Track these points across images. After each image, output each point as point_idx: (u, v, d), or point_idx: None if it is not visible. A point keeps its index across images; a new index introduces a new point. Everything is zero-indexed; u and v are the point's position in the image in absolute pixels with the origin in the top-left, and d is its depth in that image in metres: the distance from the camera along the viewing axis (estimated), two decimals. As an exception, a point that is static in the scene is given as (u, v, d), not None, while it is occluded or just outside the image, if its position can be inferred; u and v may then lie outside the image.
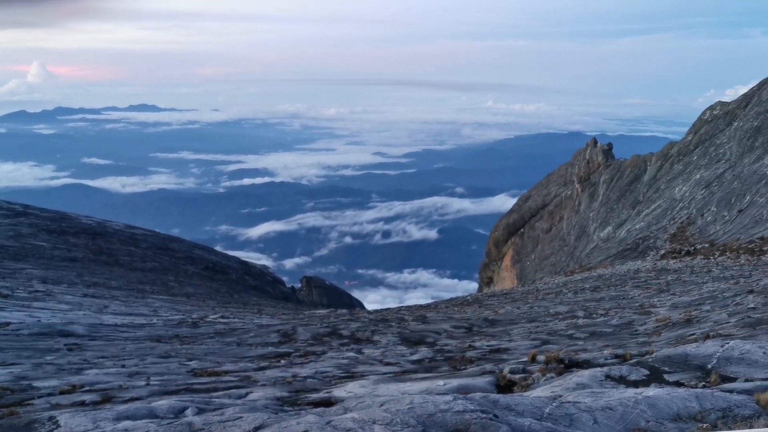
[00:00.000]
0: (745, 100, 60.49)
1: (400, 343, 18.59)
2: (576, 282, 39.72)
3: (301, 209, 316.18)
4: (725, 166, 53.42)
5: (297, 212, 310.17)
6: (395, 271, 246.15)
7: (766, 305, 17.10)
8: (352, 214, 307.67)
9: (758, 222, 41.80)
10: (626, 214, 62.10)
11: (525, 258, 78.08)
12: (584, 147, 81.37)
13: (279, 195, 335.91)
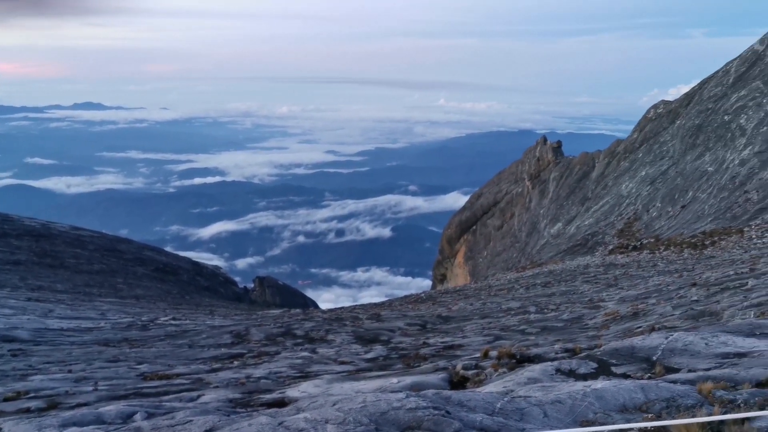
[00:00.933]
0: (687, 99, 62.32)
1: (355, 342, 18.58)
2: (527, 278, 40.32)
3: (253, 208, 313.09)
4: (669, 163, 54.96)
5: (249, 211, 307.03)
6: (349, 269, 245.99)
7: (708, 297, 17.66)
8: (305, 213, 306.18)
9: (700, 217, 43.14)
10: (575, 210, 63.35)
11: (477, 255, 78.93)
12: (534, 145, 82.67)
13: (231, 194, 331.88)
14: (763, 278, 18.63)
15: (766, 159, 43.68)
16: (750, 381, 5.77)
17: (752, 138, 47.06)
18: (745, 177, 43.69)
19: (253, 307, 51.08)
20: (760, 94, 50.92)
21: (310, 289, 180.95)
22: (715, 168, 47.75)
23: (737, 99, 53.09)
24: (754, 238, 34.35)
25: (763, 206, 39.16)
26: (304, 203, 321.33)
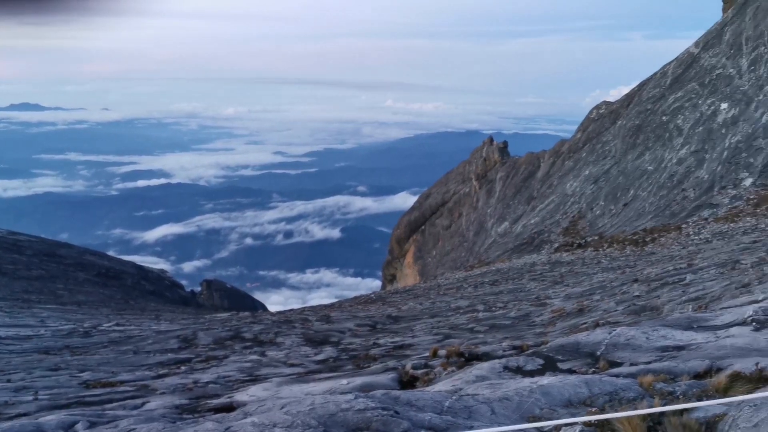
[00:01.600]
0: (627, 100, 64.09)
1: (305, 344, 18.46)
2: (476, 276, 40.78)
3: (199, 211, 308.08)
4: (611, 163, 56.40)
5: (195, 214, 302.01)
6: (298, 271, 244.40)
7: (649, 293, 18.17)
8: (253, 215, 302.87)
9: (641, 215, 44.41)
10: (522, 209, 64.40)
11: (426, 254, 79.45)
12: (481, 145, 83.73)
13: (176, 196, 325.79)
14: (700, 273, 19.28)
15: (701, 158, 45.25)
16: (688, 373, 5.96)
17: (689, 138, 48.69)
18: (683, 175, 45.17)
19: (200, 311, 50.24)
20: (695, 95, 52.73)
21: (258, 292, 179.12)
22: (655, 167, 49.22)
23: (674, 100, 54.86)
24: (692, 234, 35.54)
25: (699, 203, 40.56)
26: (252, 205, 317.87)
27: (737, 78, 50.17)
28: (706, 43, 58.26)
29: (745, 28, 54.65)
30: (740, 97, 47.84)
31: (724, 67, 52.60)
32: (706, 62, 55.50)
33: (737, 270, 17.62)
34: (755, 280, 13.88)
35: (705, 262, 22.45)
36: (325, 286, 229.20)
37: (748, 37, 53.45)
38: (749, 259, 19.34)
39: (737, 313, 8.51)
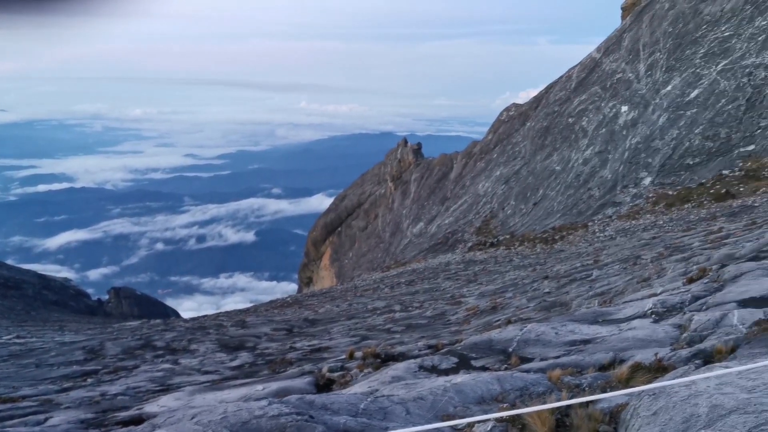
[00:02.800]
0: (535, 102, 66.22)
1: (219, 350, 18.07)
2: (392, 277, 41.09)
3: (106, 216, 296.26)
4: (521, 163, 58.11)
5: (102, 219, 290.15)
6: (211, 276, 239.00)
7: (558, 289, 18.82)
8: (164, 219, 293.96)
9: (550, 214, 45.97)
10: (436, 210, 65.39)
11: (343, 256, 79.40)
12: (396, 147, 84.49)
13: (80, 201, 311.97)
14: (605, 269, 20.13)
15: (605, 158, 47.29)
16: (594, 365, 6.20)
17: (593, 139, 50.79)
18: (588, 175, 47.07)
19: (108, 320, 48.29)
20: (598, 98, 55.08)
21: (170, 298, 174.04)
22: (562, 167, 51.06)
23: (579, 102, 57.11)
24: (597, 231, 37.07)
25: (603, 202, 42.38)
26: (162, 209, 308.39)
27: (636, 82, 52.76)
28: (607, 49, 60.99)
29: (642, 35, 57.55)
30: (639, 100, 50.33)
31: (624, 72, 55.21)
32: (608, 67, 58.09)
33: (638, 265, 18.49)
34: (654, 274, 14.60)
35: (609, 258, 23.46)
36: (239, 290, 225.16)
37: (644, 44, 56.30)
38: (649, 254, 20.35)
39: (638, 306, 8.92)
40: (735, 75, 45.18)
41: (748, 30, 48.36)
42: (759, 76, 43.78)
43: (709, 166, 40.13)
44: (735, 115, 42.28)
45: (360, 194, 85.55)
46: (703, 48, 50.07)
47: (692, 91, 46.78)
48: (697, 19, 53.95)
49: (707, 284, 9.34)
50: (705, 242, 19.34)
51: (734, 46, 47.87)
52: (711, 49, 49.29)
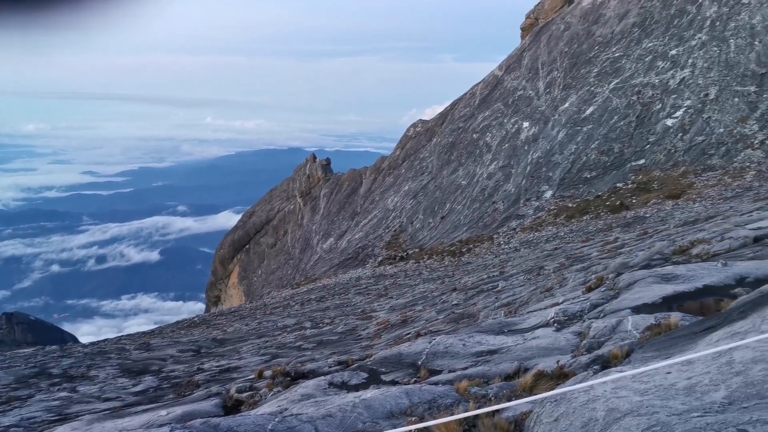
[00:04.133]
0: (441, 118, 67.69)
1: (122, 375, 17.30)
2: (302, 294, 40.75)
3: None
4: (428, 178, 59.13)
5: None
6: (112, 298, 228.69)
7: (466, 301, 19.19)
8: (60, 240, 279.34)
9: (457, 227, 46.95)
10: (346, 225, 65.45)
11: (252, 274, 78.06)
12: (304, 162, 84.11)
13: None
14: (510, 280, 20.71)
15: (508, 173, 48.84)
16: (499, 375, 6.35)
17: (497, 154, 52.39)
18: (493, 189, 48.45)
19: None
20: (501, 114, 56.93)
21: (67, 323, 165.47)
22: (468, 181, 52.33)
23: (483, 119, 58.83)
24: (502, 243, 38.16)
25: (508, 215, 43.70)
26: (59, 229, 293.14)
27: (536, 99, 54.92)
28: (509, 67, 63.25)
29: (540, 54, 60.05)
30: (539, 116, 52.40)
31: (525, 89, 57.38)
32: (509, 84, 60.20)
33: (542, 275, 19.14)
34: (557, 284, 15.15)
35: (514, 269, 24.17)
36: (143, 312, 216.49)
37: (543, 62, 58.76)
38: (551, 264, 21.10)
39: (541, 315, 9.22)
40: (626, 93, 47.84)
41: (636, 51, 51.39)
42: (647, 94, 46.54)
43: (605, 179, 42.19)
44: (627, 131, 44.70)
45: (269, 210, 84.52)
46: (597, 67, 52.77)
47: (588, 108, 49.16)
48: (590, 40, 56.86)
49: (604, 292, 9.77)
50: (602, 252, 20.26)
51: (624, 66, 50.73)
52: (603, 69, 52.01)
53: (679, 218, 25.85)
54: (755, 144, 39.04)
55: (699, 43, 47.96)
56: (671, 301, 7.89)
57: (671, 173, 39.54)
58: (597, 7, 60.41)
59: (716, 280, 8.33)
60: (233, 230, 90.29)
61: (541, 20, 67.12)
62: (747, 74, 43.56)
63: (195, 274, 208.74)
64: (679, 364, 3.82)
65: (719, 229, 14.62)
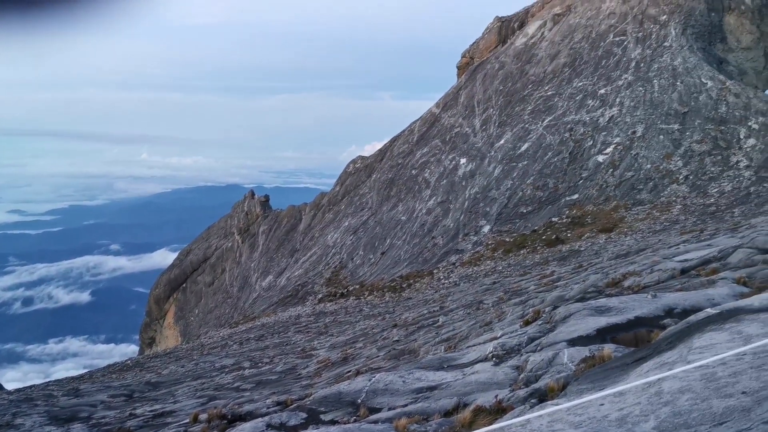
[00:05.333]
0: (380, 155, 68.29)
1: (49, 423, 16.49)
2: (241, 333, 39.93)
3: None
4: (368, 214, 59.33)
5: None
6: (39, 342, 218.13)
7: (407, 337, 19.17)
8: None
9: (397, 262, 47.10)
10: (285, 262, 64.79)
11: (189, 313, 76.13)
12: (243, 199, 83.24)
13: None
14: (450, 315, 20.83)
15: (447, 208, 49.49)
16: (439, 411, 6.34)
17: (435, 189, 53.09)
18: (432, 224, 48.95)
19: None
20: (439, 150, 57.87)
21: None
22: (408, 217, 52.74)
23: (421, 155, 59.67)
24: (442, 278, 38.45)
25: (447, 250, 44.15)
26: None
27: (472, 136, 56.13)
28: (446, 105, 64.58)
29: (476, 92, 61.59)
30: (476, 153, 53.51)
31: (461, 126, 58.60)
32: (446, 121, 61.40)
33: (481, 310, 19.33)
34: (495, 318, 15.31)
35: (454, 304, 24.34)
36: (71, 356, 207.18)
37: (479, 100, 60.26)
38: (490, 299, 21.36)
39: (480, 350, 9.29)
40: (558, 130, 49.43)
41: (567, 90, 53.32)
42: (579, 131, 48.20)
43: (541, 213, 43.22)
44: (560, 166, 46.06)
45: (206, 248, 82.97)
46: (530, 105, 54.45)
47: (522, 144, 50.51)
48: (523, 79, 58.72)
49: (541, 325, 9.92)
50: (539, 285, 20.64)
51: (557, 104, 52.50)
52: (537, 107, 53.70)
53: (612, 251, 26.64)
54: (680, 179, 40.79)
55: (625, 83, 50.14)
56: (605, 333, 8.08)
57: (603, 208, 40.83)
58: (529, 47, 62.58)
59: (647, 311, 8.59)
60: (169, 269, 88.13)
61: (477, 59, 69.02)
62: (671, 113, 45.70)
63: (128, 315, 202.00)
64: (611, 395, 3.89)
65: (649, 262, 15.12)
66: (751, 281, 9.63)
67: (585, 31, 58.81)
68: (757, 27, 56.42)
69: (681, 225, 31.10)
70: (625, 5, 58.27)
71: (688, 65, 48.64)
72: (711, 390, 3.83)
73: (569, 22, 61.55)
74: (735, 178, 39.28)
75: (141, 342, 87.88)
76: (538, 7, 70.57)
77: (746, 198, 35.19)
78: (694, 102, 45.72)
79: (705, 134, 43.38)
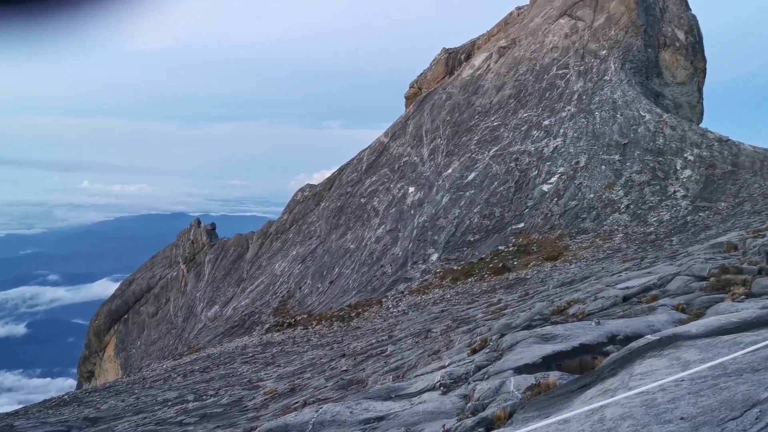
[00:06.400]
0: (329, 183, 68.28)
1: (-22, 464, 15.70)
2: (185, 365, 38.95)
3: None
4: (317, 242, 59.03)
5: None
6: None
7: (355, 366, 19.02)
8: None
9: (346, 291, 46.88)
10: (232, 291, 63.75)
11: (130, 345, 73.92)
12: (189, 228, 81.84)
13: None
14: (399, 344, 20.78)
15: (396, 236, 49.66)
16: (387, 442, 6.29)
17: (384, 218, 53.26)
18: (381, 253, 48.99)
19: None
20: (388, 179, 58.22)
21: None
22: (356, 245, 52.68)
23: (370, 184, 59.90)
24: (391, 307, 38.40)
25: (396, 278, 44.18)
26: None
27: (420, 165, 56.71)
28: (394, 134, 65.19)
29: (424, 122, 62.41)
30: (424, 182, 54.02)
31: (410, 155, 59.18)
32: (395, 150, 61.93)
33: (429, 338, 19.35)
34: (444, 346, 15.34)
35: (403, 332, 24.31)
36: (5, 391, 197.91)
37: (427, 130, 61.05)
38: (439, 327, 21.41)
39: (428, 379, 9.28)
40: (504, 160, 50.39)
41: (513, 121, 54.54)
42: (524, 161, 49.23)
43: (488, 242, 43.78)
44: (506, 195, 46.87)
45: (150, 278, 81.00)
46: (477, 135, 55.44)
47: (470, 174, 51.26)
48: (470, 110, 59.84)
49: (488, 354, 9.99)
50: (487, 313, 20.82)
51: (502, 134, 53.61)
52: (483, 137, 54.71)
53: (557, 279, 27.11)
54: (621, 208, 41.99)
55: (569, 114, 51.62)
56: (550, 361, 8.19)
57: (549, 236, 41.62)
58: (476, 78, 63.90)
59: (590, 338, 8.74)
60: (110, 299, 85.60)
61: (424, 90, 70.09)
62: (612, 144, 47.17)
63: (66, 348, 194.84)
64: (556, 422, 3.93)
65: (593, 289, 15.44)
66: (689, 308, 9.92)
67: (529, 63, 60.46)
68: (691, 63, 59.09)
69: (623, 253, 31.92)
70: (567, 40, 60.27)
71: (627, 98, 50.42)
72: (651, 416, 3.91)
73: (514, 54, 63.21)
74: (673, 207, 40.67)
75: (79, 376, 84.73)
76: (484, 40, 72.35)
77: (683, 227, 36.43)
78: (633, 134, 47.33)
79: (644, 165, 44.88)
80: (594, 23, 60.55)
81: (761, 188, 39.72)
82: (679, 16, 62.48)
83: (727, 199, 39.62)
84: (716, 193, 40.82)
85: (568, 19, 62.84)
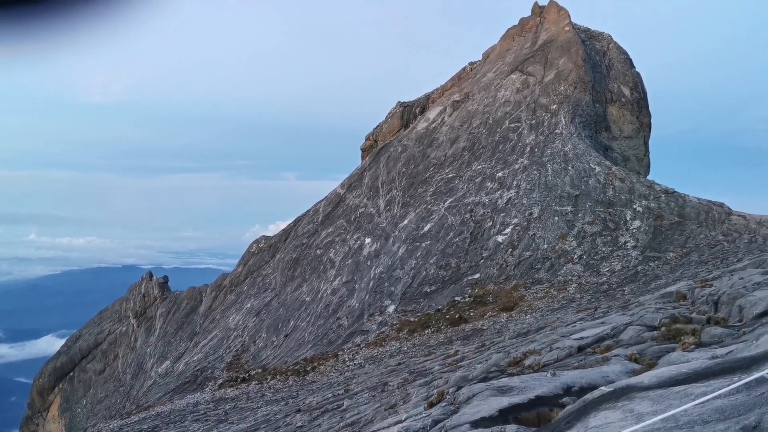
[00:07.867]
0: (284, 235, 67.86)
1: None
2: (133, 424, 37.53)
3: None
4: (272, 295, 58.24)
5: None
6: None
7: (311, 422, 18.58)
8: None
9: (302, 344, 46.13)
10: (184, 346, 62.11)
11: (75, 404, 70.97)
12: (140, 281, 79.93)
13: None
14: (355, 398, 20.43)
15: (352, 288, 49.36)
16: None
17: (341, 269, 52.98)
18: (337, 305, 48.55)
19: None
20: (344, 230, 58.17)
21: None
22: (312, 297, 52.14)
23: (326, 235, 59.74)
24: (347, 360, 37.87)
25: (352, 331, 43.73)
26: None
27: (377, 216, 56.92)
28: (350, 185, 65.49)
29: (380, 174, 62.93)
30: (380, 233, 54.14)
31: (366, 207, 59.40)
32: (351, 202, 62.11)
33: (386, 392, 19.08)
34: (400, 400, 15.13)
35: (359, 386, 23.93)
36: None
37: (383, 181, 61.52)
38: (395, 380, 21.16)
39: (385, 434, 9.10)
40: (460, 211, 50.97)
41: (467, 173, 55.45)
42: (479, 212, 49.87)
43: (444, 293, 43.84)
44: (462, 246, 47.23)
45: (97, 333, 78.45)
46: (432, 187, 56.09)
47: (425, 225, 51.62)
48: (425, 162, 60.68)
49: (445, 407, 9.87)
50: (444, 365, 20.68)
51: (457, 186, 54.36)
52: (439, 188, 55.37)
53: (513, 330, 27.21)
54: (575, 259, 42.67)
55: (522, 166, 52.73)
56: (507, 414, 8.13)
57: (504, 286, 41.93)
58: (431, 131, 65.02)
59: (547, 390, 8.73)
60: (56, 356, 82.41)
61: (380, 142, 70.93)
62: (564, 195, 48.22)
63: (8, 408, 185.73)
64: (514, 480, 3.87)
65: (548, 340, 15.52)
66: (642, 358, 10.03)
67: (483, 117, 61.90)
68: (637, 118, 61.37)
69: (577, 303, 32.31)
70: (519, 94, 62.04)
71: (578, 151, 51.86)
72: (608, 470, 3.88)
73: (468, 108, 64.68)
74: (624, 257, 41.52)
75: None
76: (438, 94, 73.99)
77: (635, 276, 37.17)
78: (584, 185, 48.53)
79: (595, 216, 45.90)
80: (544, 78, 62.58)
81: (707, 239, 40.96)
82: (624, 74, 65.13)
83: (675, 250, 40.69)
84: (665, 244, 41.89)
85: (520, 74, 64.84)
